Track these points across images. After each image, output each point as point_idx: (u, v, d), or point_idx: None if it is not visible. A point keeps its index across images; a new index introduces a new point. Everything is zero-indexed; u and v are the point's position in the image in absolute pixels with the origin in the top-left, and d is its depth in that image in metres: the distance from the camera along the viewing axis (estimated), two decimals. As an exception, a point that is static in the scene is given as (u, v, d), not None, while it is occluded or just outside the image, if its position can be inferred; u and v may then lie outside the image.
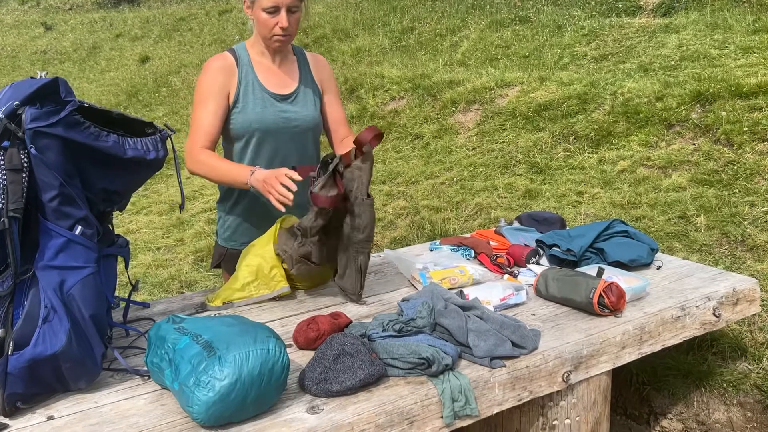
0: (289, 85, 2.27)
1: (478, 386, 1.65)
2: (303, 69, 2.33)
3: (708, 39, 5.87)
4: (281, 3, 2.10)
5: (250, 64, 2.24)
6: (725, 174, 3.95)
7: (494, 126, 5.85)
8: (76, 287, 1.56)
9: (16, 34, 18.54)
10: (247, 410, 1.45)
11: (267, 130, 2.21)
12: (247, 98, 2.20)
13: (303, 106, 2.27)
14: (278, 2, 2.09)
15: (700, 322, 2.13)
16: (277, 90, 2.24)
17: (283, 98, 2.24)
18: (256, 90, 2.21)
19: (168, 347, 1.54)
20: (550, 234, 2.51)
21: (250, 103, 2.20)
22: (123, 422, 1.47)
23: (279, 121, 2.22)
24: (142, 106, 10.48)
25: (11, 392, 1.48)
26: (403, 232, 4.42)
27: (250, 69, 2.23)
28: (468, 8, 9.72)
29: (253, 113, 2.19)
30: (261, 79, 2.23)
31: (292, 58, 2.33)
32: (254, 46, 2.27)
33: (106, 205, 1.73)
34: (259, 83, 2.22)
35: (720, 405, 2.44)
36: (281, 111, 2.23)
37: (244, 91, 2.20)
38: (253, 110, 2.19)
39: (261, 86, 2.22)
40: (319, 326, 1.81)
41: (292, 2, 2.11)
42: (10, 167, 1.47)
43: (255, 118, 2.19)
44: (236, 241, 2.34)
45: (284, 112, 2.23)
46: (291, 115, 2.24)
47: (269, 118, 2.21)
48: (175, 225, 5.40)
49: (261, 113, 2.20)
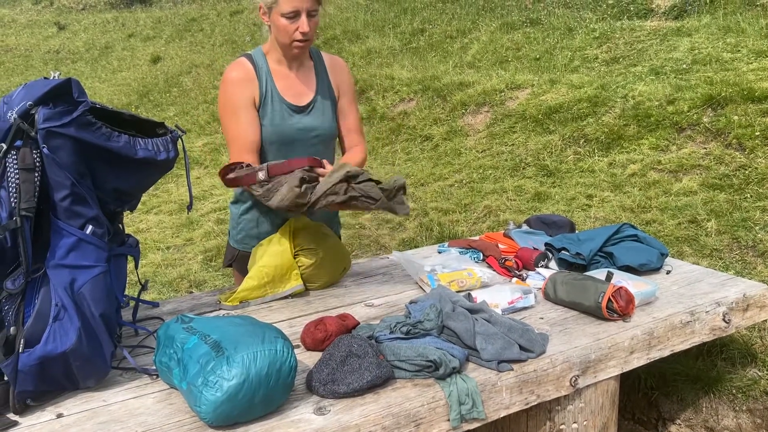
0: (306, 95, 2.23)
1: (485, 389, 1.65)
2: (320, 75, 2.28)
3: (720, 42, 5.84)
4: (301, 7, 2.04)
5: (269, 73, 2.19)
6: (736, 178, 3.92)
7: (504, 128, 5.84)
8: (87, 286, 1.57)
9: (30, 33, 18.70)
10: (254, 410, 1.45)
11: (284, 142, 2.18)
12: (266, 109, 2.17)
13: (320, 117, 2.24)
14: (298, 6, 2.04)
15: (710, 328, 2.11)
16: (295, 101, 2.20)
17: (300, 109, 2.20)
18: (275, 101, 2.18)
19: (176, 347, 1.55)
20: (559, 237, 2.50)
21: (269, 114, 2.17)
22: (131, 421, 1.48)
23: (296, 132, 2.20)
24: (153, 106, 10.54)
25: (21, 390, 1.49)
26: (412, 234, 4.42)
27: (270, 78, 2.19)
28: (478, 10, 9.71)
29: (271, 126, 2.17)
30: (280, 89, 2.19)
31: (309, 63, 2.27)
32: (271, 53, 2.21)
33: (117, 204, 1.74)
34: (278, 94, 2.18)
35: (729, 411, 2.43)
36: (297, 122, 2.20)
37: (264, 102, 2.17)
38: (271, 122, 2.17)
39: (280, 97, 2.18)
40: (326, 327, 1.81)
41: (312, 6, 2.06)
42: (23, 167, 1.49)
43: (273, 131, 2.17)
44: (248, 245, 2.34)
45: (300, 124, 2.20)
46: (305, 126, 2.21)
47: (287, 131, 2.18)
48: (184, 224, 5.42)
49: (279, 125, 2.17)
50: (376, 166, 6.18)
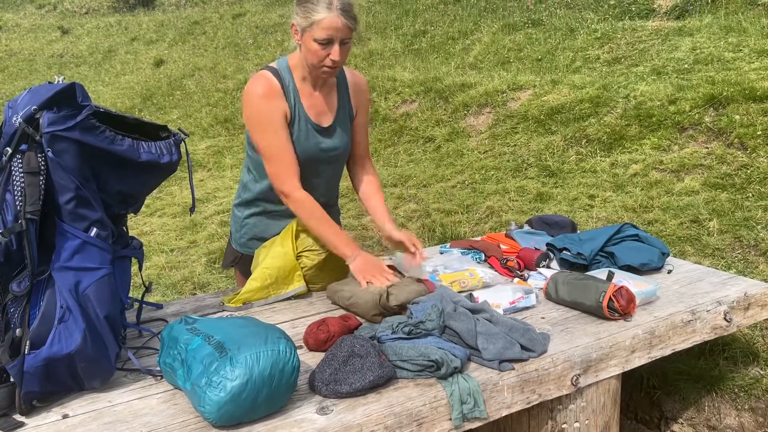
0: (328, 116, 2.21)
1: (486, 389, 1.66)
2: (342, 95, 2.25)
3: (722, 42, 5.84)
4: (336, 36, 1.98)
5: (296, 91, 2.15)
6: (738, 178, 3.93)
7: (506, 129, 5.85)
8: (91, 288, 1.59)
9: (33, 37, 18.78)
10: (257, 410, 1.47)
11: (306, 160, 2.18)
12: (293, 127, 2.15)
13: (339, 137, 2.24)
14: (332, 35, 1.97)
15: (711, 327, 2.12)
16: (319, 121, 2.19)
17: (323, 130, 2.20)
18: (302, 120, 2.16)
19: (180, 348, 1.56)
20: (561, 237, 2.51)
21: (295, 132, 2.15)
22: (136, 421, 1.50)
23: (318, 152, 2.20)
24: (156, 109, 10.58)
25: (28, 391, 1.51)
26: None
27: (297, 96, 2.16)
28: (480, 11, 9.73)
29: (297, 143, 2.15)
30: (306, 107, 2.17)
31: (332, 81, 2.23)
32: (297, 69, 2.14)
33: (121, 207, 1.76)
34: (304, 113, 2.16)
35: (731, 410, 2.43)
36: (319, 143, 2.20)
37: (293, 120, 2.15)
38: (297, 140, 2.15)
39: (306, 116, 2.16)
40: (329, 328, 1.83)
41: (347, 35, 2.00)
42: (28, 170, 1.50)
43: (299, 149, 2.16)
44: (251, 248, 2.35)
45: (322, 144, 2.20)
46: (328, 146, 2.22)
47: (310, 150, 2.18)
48: (188, 227, 5.44)
49: (304, 144, 2.17)
50: (379, 168, 6.20)
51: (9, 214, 1.51)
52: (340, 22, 1.96)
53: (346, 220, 4.81)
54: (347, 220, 4.82)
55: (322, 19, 1.95)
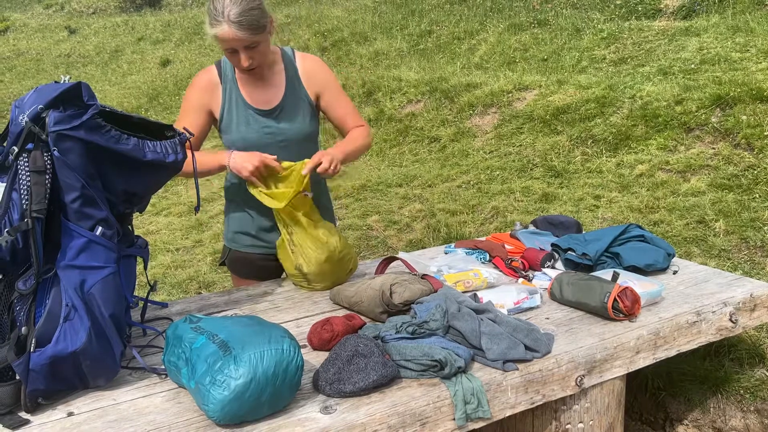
0: (273, 100, 2.21)
1: (490, 389, 1.66)
2: (291, 79, 2.24)
3: (729, 42, 5.81)
4: (236, 46, 2.00)
5: (234, 80, 2.19)
6: (745, 179, 3.91)
7: (512, 129, 5.84)
8: (97, 287, 1.59)
9: (41, 37, 18.87)
10: (261, 409, 1.47)
11: (252, 146, 2.16)
12: (231, 116, 2.18)
13: (289, 120, 2.22)
14: (232, 45, 2.00)
15: (717, 328, 2.11)
16: (261, 105, 2.20)
17: (267, 113, 2.20)
18: (239, 107, 2.18)
19: (185, 346, 1.56)
20: (566, 238, 2.51)
21: (234, 121, 2.18)
22: (141, 419, 1.51)
23: (263, 137, 2.19)
24: (162, 109, 10.62)
25: (33, 388, 1.52)
26: (419, 235, 4.43)
27: (234, 85, 2.19)
28: (486, 11, 9.72)
29: (236, 132, 2.18)
30: (245, 94, 2.19)
31: (278, 68, 2.23)
32: None
33: (126, 206, 1.76)
34: (242, 99, 2.19)
35: (737, 411, 2.42)
36: (265, 126, 2.19)
37: (228, 109, 2.18)
38: (237, 129, 2.18)
39: (244, 102, 2.18)
40: (333, 327, 1.83)
41: (247, 43, 2.00)
42: (34, 169, 1.51)
43: (238, 137, 2.18)
44: (238, 243, 2.37)
45: (268, 128, 2.20)
46: (275, 130, 2.20)
47: (252, 136, 2.18)
48: (194, 226, 5.46)
49: (244, 131, 2.18)
50: (384, 168, 6.20)
51: (15, 213, 1.51)
52: (233, 34, 1.97)
53: (350, 219, 4.82)
54: (351, 219, 4.82)
55: (217, 32, 1.98)
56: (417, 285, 2.04)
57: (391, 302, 1.97)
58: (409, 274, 2.13)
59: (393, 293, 1.99)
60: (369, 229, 4.69)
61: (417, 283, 2.05)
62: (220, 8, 1.96)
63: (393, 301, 1.97)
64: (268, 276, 2.44)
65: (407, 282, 2.04)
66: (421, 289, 2.02)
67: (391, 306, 1.97)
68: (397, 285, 2.02)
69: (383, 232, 4.60)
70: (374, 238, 4.55)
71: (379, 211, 4.92)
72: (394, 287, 2.01)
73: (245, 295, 2.29)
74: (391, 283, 2.03)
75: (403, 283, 2.03)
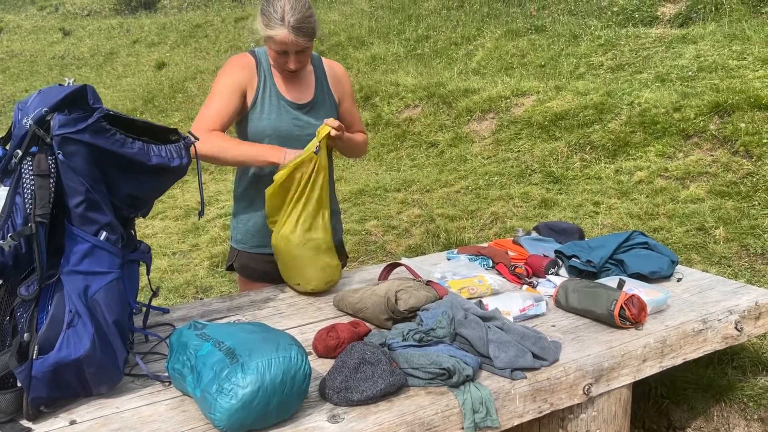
0: (305, 95, 2.29)
1: (498, 398, 1.64)
2: (320, 80, 2.34)
3: (726, 50, 5.84)
4: (290, 49, 2.10)
5: (269, 71, 2.25)
6: (744, 186, 3.92)
7: (510, 135, 5.84)
8: (101, 292, 1.57)
9: (35, 39, 18.79)
10: (269, 418, 1.45)
11: (279, 137, 2.22)
12: (263, 104, 2.22)
13: (318, 117, 2.27)
14: (286, 48, 2.09)
15: (722, 336, 2.10)
16: (294, 99, 2.26)
17: (299, 107, 2.26)
18: (272, 97, 2.23)
19: (190, 353, 1.54)
20: (570, 245, 2.50)
21: (266, 109, 2.22)
22: (144, 428, 1.48)
23: (293, 128, 2.24)
24: (158, 112, 10.57)
25: (35, 396, 1.49)
26: (418, 241, 4.42)
27: (269, 75, 2.25)
28: (483, 17, 9.74)
29: (267, 120, 2.21)
30: (279, 86, 2.25)
31: (309, 68, 2.33)
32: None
33: (131, 210, 1.74)
34: (276, 90, 2.24)
35: (740, 420, 2.41)
36: (295, 119, 2.24)
37: (261, 97, 2.22)
38: (268, 117, 2.22)
39: (278, 93, 2.24)
40: (338, 334, 1.81)
41: (301, 47, 2.11)
42: (38, 172, 1.48)
43: (269, 125, 2.21)
44: (246, 244, 2.35)
45: (298, 120, 2.25)
46: (304, 124, 2.25)
47: (284, 126, 2.23)
48: (190, 230, 5.42)
49: (276, 120, 2.22)
50: (382, 172, 6.19)
51: (18, 217, 1.49)
52: (291, 39, 2.06)
53: (348, 224, 4.79)
54: (350, 224, 4.80)
55: (275, 34, 2.06)
56: (422, 291, 2.02)
57: (397, 309, 1.95)
58: (414, 281, 2.11)
59: (398, 300, 1.97)
60: (368, 234, 4.67)
61: (422, 290, 2.03)
62: (280, 12, 2.05)
63: (398, 308, 1.95)
64: (279, 278, 2.40)
65: (412, 288, 2.03)
66: (427, 296, 2.01)
67: (397, 313, 1.95)
68: (402, 291, 2.01)
69: (382, 237, 4.58)
70: (373, 243, 4.53)
71: (378, 216, 4.90)
72: (399, 294, 1.99)
73: (248, 301, 2.27)
74: (396, 290, 2.01)
75: (408, 290, 2.02)
